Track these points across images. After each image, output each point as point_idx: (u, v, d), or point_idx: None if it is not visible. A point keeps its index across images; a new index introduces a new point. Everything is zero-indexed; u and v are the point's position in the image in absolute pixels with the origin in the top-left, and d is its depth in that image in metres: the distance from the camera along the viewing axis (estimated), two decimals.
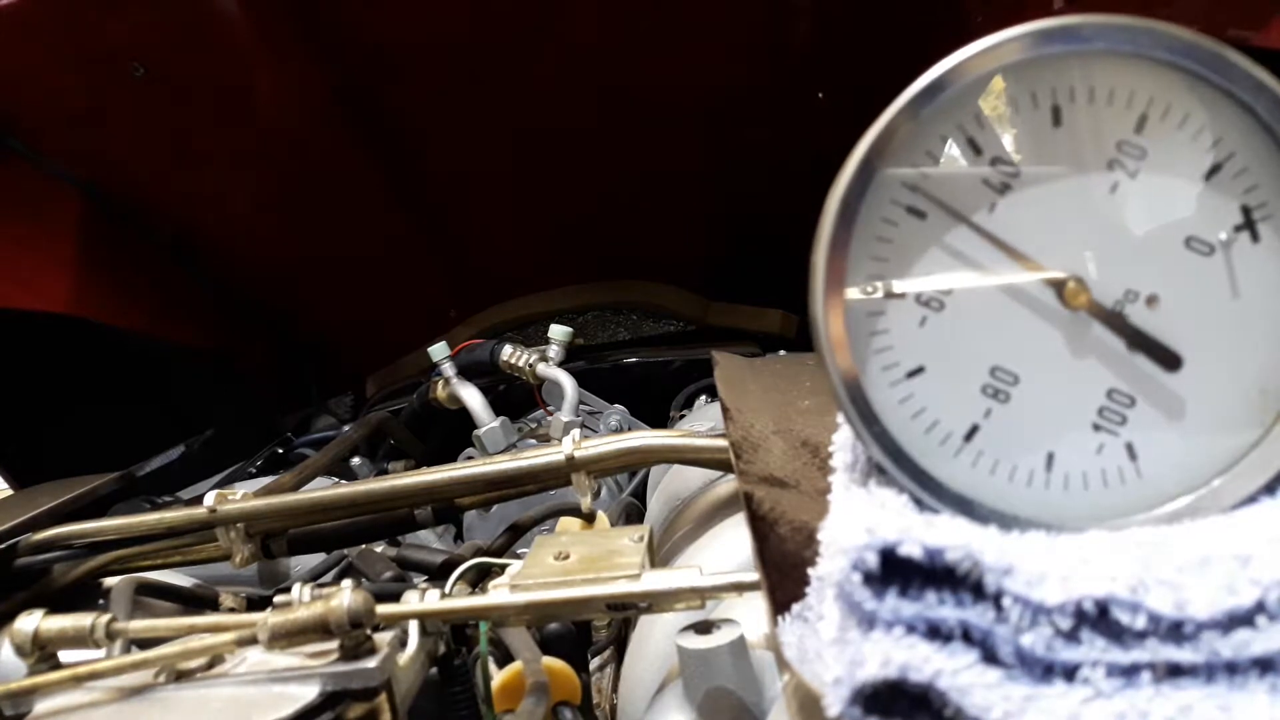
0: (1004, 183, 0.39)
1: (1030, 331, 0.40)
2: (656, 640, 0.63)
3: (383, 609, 0.50)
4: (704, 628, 0.52)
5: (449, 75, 1.34)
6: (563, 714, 0.60)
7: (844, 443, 0.44)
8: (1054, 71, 0.39)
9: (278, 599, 0.50)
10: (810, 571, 0.44)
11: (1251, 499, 0.40)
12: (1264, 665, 0.33)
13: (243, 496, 0.77)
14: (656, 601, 0.53)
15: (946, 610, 0.34)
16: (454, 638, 0.58)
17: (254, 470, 1.42)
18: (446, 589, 0.61)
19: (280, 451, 1.51)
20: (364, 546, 0.87)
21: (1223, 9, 0.81)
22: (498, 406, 1.33)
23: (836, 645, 0.35)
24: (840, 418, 0.41)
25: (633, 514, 1.14)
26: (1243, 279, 0.39)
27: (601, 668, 0.85)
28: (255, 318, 1.72)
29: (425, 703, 0.53)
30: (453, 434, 1.36)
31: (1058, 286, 0.39)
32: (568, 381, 1.31)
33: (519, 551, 0.74)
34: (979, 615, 0.34)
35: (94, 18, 1.17)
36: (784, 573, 0.46)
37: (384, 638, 0.48)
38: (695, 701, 0.51)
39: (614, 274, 1.71)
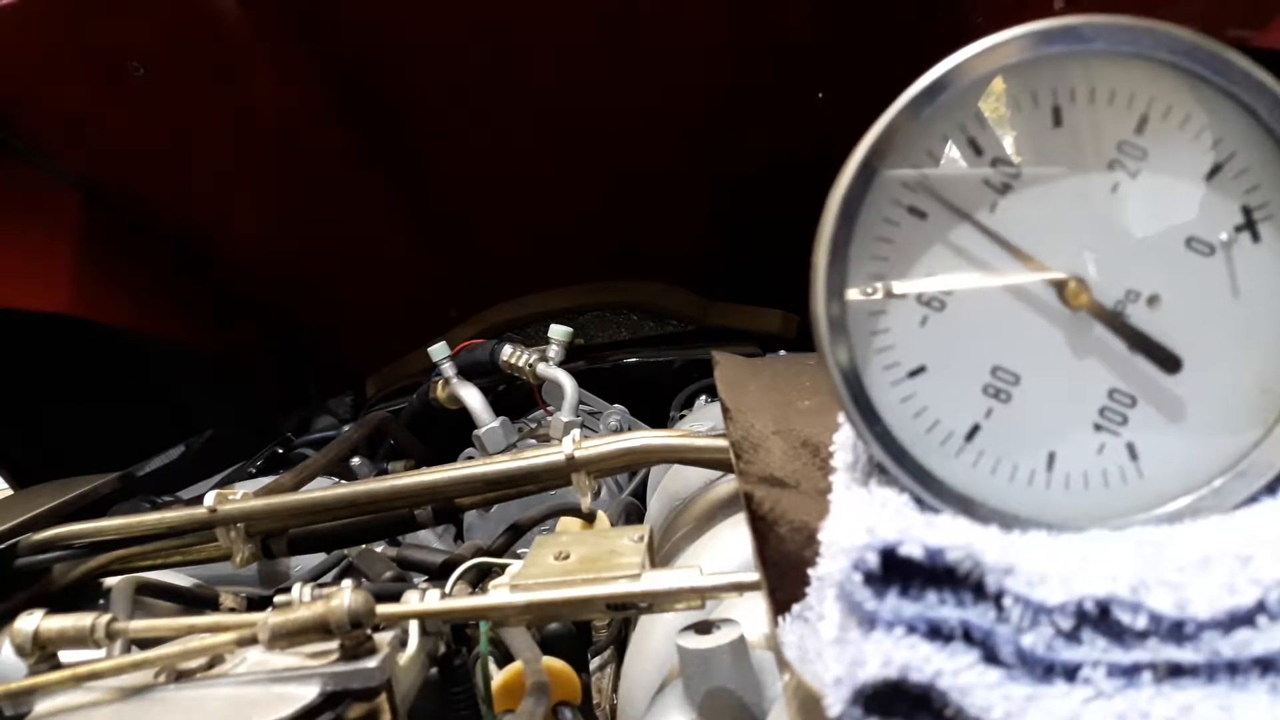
0: (1005, 183, 0.39)
1: (1031, 331, 0.40)
2: (656, 640, 0.63)
3: (383, 609, 0.50)
4: (704, 628, 0.52)
5: (449, 75, 1.34)
6: (563, 714, 0.60)
7: (844, 442, 0.44)
8: (1054, 72, 0.39)
9: (278, 599, 0.50)
10: (810, 571, 0.44)
11: (1252, 499, 0.40)
12: (1265, 665, 0.33)
13: (243, 496, 0.77)
14: (656, 601, 0.53)
15: (947, 610, 0.34)
16: (454, 638, 0.58)
17: (254, 470, 1.42)
18: (446, 589, 0.61)
19: (280, 451, 1.51)
20: (364, 546, 0.87)
21: (1223, 9, 0.81)
22: (498, 406, 1.32)
23: (837, 645, 0.35)
24: (841, 417, 0.41)
25: (633, 514, 1.14)
26: (1243, 279, 0.39)
27: (601, 668, 0.85)
28: (255, 318, 1.72)
29: (425, 703, 0.53)
30: (453, 434, 1.36)
31: (1059, 287, 0.39)
32: (568, 381, 1.31)
33: (519, 551, 0.74)
34: (980, 615, 0.34)
35: (94, 18, 1.16)
36: (784, 573, 0.46)
37: (384, 638, 0.48)
38: (695, 701, 0.51)
39: (614, 274, 1.71)
